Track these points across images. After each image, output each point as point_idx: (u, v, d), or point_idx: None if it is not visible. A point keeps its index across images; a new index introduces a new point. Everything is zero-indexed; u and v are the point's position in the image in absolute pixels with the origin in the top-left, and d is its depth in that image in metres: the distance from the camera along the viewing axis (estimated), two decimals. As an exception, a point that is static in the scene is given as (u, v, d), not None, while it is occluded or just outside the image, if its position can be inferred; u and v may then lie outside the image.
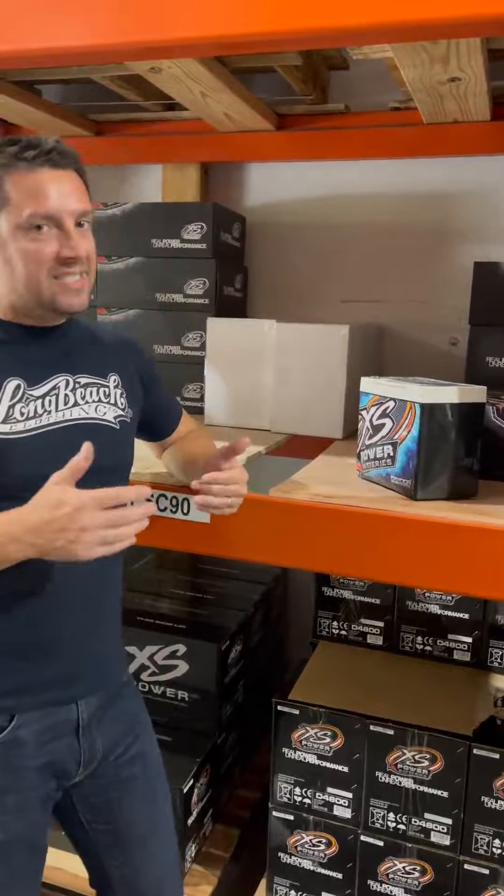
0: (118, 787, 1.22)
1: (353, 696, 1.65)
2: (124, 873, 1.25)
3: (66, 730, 1.14)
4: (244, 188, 2.19)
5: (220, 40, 1.13)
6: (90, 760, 1.18)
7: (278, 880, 1.69)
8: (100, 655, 1.19)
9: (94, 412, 1.14)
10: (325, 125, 1.98)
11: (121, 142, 2.16)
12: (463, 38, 1.28)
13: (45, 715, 1.11)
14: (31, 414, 1.07)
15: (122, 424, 1.18)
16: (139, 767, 1.24)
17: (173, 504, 1.33)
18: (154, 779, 1.28)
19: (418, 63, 1.40)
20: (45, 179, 1.04)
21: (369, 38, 1.22)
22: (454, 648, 1.81)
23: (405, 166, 2.00)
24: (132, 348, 1.29)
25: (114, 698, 1.22)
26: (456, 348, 2.00)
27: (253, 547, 1.32)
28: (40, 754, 1.11)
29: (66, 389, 1.12)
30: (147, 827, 1.25)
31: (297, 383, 1.74)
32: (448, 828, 1.53)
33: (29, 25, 1.20)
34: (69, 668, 1.14)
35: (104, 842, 1.24)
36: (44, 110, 1.97)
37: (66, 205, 1.05)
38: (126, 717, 1.24)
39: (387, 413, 1.31)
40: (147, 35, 1.14)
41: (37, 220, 1.03)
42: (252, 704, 2.08)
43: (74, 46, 1.20)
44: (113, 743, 1.21)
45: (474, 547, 1.16)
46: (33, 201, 1.03)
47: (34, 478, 1.01)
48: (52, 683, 1.12)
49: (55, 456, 1.04)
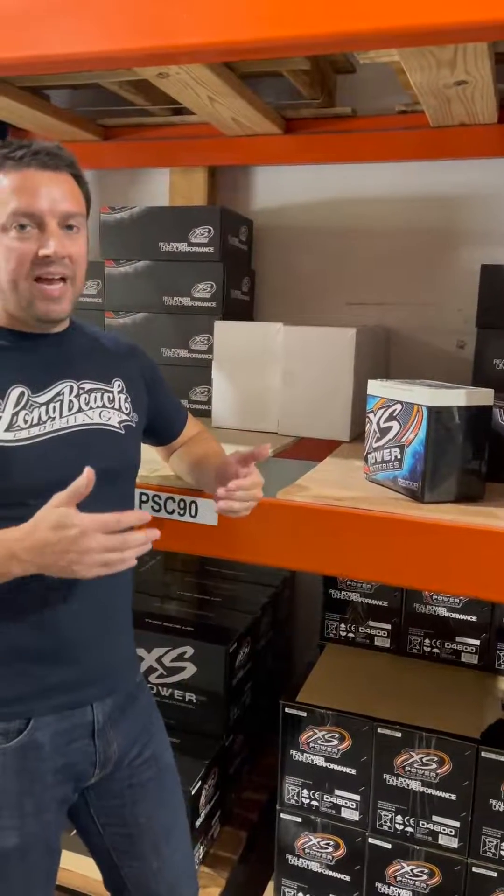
0: (133, 790, 1.23)
1: (360, 698, 1.66)
2: (139, 875, 1.25)
3: (81, 732, 1.14)
4: (251, 192, 2.20)
5: (227, 46, 1.14)
6: (106, 762, 1.19)
7: (286, 882, 1.70)
8: (113, 659, 1.20)
9: (98, 417, 1.14)
10: (332, 129, 1.99)
11: (128, 146, 2.17)
12: (470, 43, 1.28)
13: (60, 718, 1.12)
14: (35, 421, 1.07)
15: (128, 429, 1.18)
16: (153, 770, 1.25)
17: (181, 507, 1.34)
18: (168, 781, 1.28)
19: (425, 67, 1.41)
20: (31, 179, 1.04)
21: (376, 43, 1.23)
22: (462, 651, 1.81)
23: (412, 169, 2.01)
24: (136, 353, 1.29)
25: (128, 700, 1.22)
26: (463, 351, 2.00)
27: (261, 549, 1.32)
28: (57, 756, 1.12)
29: (70, 395, 1.12)
30: (161, 829, 1.26)
31: (305, 386, 1.74)
32: (456, 830, 1.53)
33: (38, 32, 1.22)
34: (84, 671, 1.14)
35: (119, 844, 1.24)
36: (52, 115, 1.98)
37: (50, 205, 1.04)
38: (140, 718, 1.25)
39: (394, 416, 1.31)
40: (155, 41, 1.15)
41: (19, 219, 1.03)
42: (260, 707, 2.08)
43: (83, 53, 1.21)
44: (128, 744, 1.21)
45: (482, 549, 1.16)
46: (16, 199, 1.03)
47: (38, 485, 1.03)
48: (68, 687, 1.12)
49: (59, 462, 1.06)
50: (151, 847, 1.25)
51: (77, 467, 1.05)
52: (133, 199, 2.28)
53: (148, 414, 1.28)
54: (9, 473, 1.04)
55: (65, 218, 1.06)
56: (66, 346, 1.16)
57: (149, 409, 1.28)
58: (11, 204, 1.03)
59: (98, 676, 1.16)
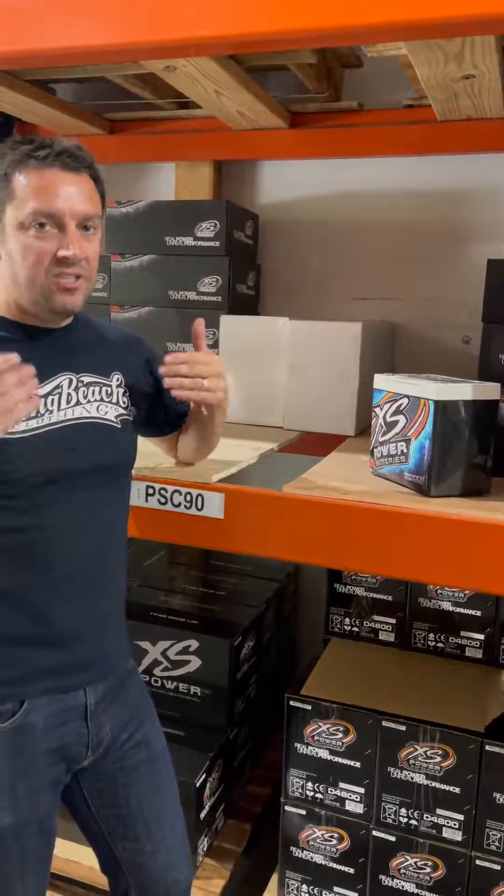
0: (124, 772, 1.25)
1: (365, 692, 1.66)
2: (133, 858, 1.28)
3: (74, 715, 1.17)
4: (257, 186, 2.20)
5: (235, 39, 1.14)
6: (98, 745, 1.21)
7: (290, 874, 1.70)
8: (106, 644, 1.22)
9: (95, 411, 1.16)
10: (339, 123, 1.98)
11: (134, 140, 2.17)
12: (478, 36, 1.28)
13: (53, 700, 1.14)
14: (33, 414, 1.08)
15: (124, 423, 1.21)
16: (144, 754, 1.27)
17: (187, 500, 1.34)
18: (159, 765, 1.30)
19: (433, 60, 1.40)
20: (52, 179, 1.06)
21: (384, 36, 1.22)
22: (466, 645, 1.81)
23: (418, 163, 2.00)
24: (139, 346, 1.31)
25: (119, 686, 1.25)
26: (468, 346, 2.00)
27: (266, 543, 1.33)
28: (50, 738, 1.14)
29: (68, 388, 1.14)
30: (154, 812, 1.28)
31: (310, 380, 1.74)
32: (460, 823, 1.53)
33: (45, 25, 1.22)
34: (76, 657, 1.16)
35: (112, 827, 1.27)
36: (58, 109, 1.98)
37: (70, 206, 1.06)
38: (131, 704, 1.27)
39: (400, 410, 1.32)
40: (162, 34, 1.16)
41: (39, 218, 1.05)
42: (264, 700, 2.09)
43: (90, 46, 1.21)
44: (119, 728, 1.24)
45: (488, 543, 1.16)
46: (37, 199, 1.05)
47: (33, 477, 1.06)
48: (60, 671, 1.15)
49: (55, 455, 1.09)
50: (144, 829, 1.27)
51: (72, 460, 1.10)
52: (139, 194, 2.28)
53: (149, 406, 1.29)
54: (6, 465, 1.05)
55: (83, 219, 1.09)
56: (69, 340, 1.18)
57: (151, 400, 1.29)
58: (32, 203, 1.05)
59: (90, 662, 1.19)
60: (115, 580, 1.24)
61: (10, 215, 1.07)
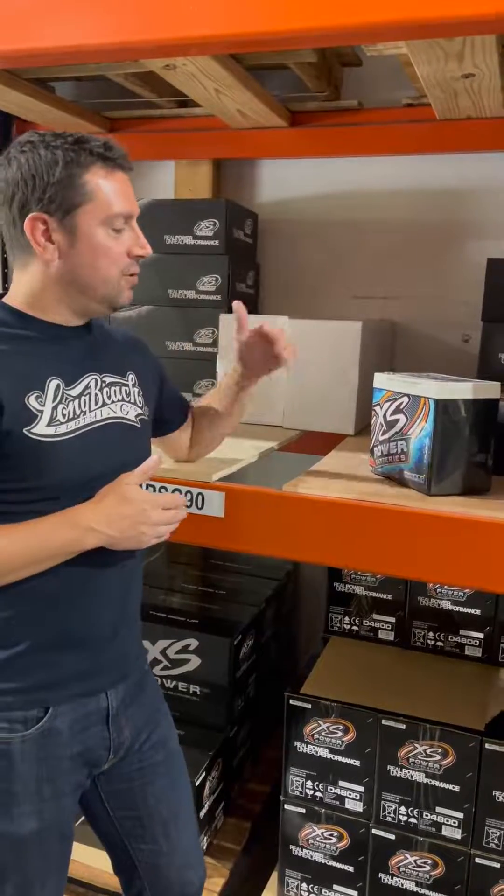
0: (142, 773, 1.25)
1: (364, 690, 1.66)
2: (149, 860, 1.28)
3: (97, 719, 1.17)
4: (256, 185, 2.20)
5: (235, 38, 1.14)
6: (119, 747, 1.21)
7: (290, 873, 1.71)
8: (126, 649, 1.22)
9: (119, 411, 1.16)
10: (338, 122, 1.98)
11: (134, 138, 2.17)
12: (478, 36, 1.28)
13: (77, 705, 1.15)
14: (71, 415, 1.08)
15: (142, 423, 1.21)
16: (162, 754, 1.28)
17: (188, 499, 1.34)
18: (175, 765, 1.31)
19: (433, 59, 1.40)
20: (123, 180, 1.09)
21: (385, 35, 1.22)
22: (466, 644, 1.81)
23: (418, 163, 2.00)
24: (142, 347, 1.32)
25: (137, 688, 1.25)
26: (468, 345, 2.00)
27: (266, 542, 1.33)
28: (74, 743, 1.14)
29: (95, 389, 1.14)
30: (170, 812, 1.29)
31: (310, 379, 1.74)
32: (459, 822, 1.54)
33: (45, 24, 1.22)
34: (100, 661, 1.17)
35: (129, 828, 1.27)
36: (58, 107, 1.98)
37: (133, 207, 1.11)
38: (148, 705, 1.27)
39: (400, 409, 1.32)
40: (163, 33, 1.15)
41: (119, 221, 1.08)
42: (264, 699, 2.09)
43: (90, 44, 1.21)
44: (138, 730, 1.24)
45: (487, 542, 1.16)
46: (118, 202, 1.07)
47: (75, 478, 1.08)
48: (84, 676, 1.15)
49: (92, 456, 1.10)
50: (161, 829, 1.27)
51: (107, 460, 1.11)
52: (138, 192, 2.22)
53: (155, 406, 1.29)
54: (52, 469, 1.06)
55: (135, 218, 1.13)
56: (89, 339, 1.17)
57: (156, 401, 1.29)
58: (116, 206, 1.07)
59: (113, 665, 1.19)
60: (138, 579, 1.26)
61: (85, 217, 1.06)
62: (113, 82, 1.96)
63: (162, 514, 1.08)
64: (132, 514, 1.06)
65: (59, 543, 1.05)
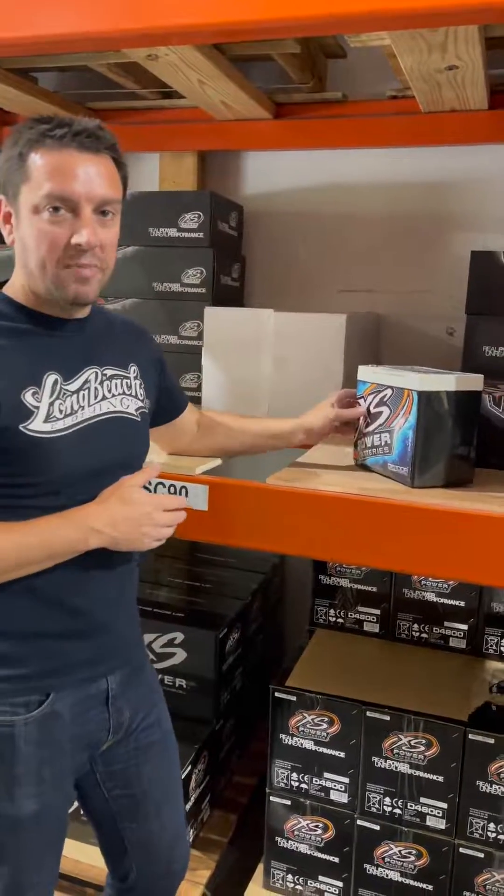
0: (138, 752, 1.27)
1: (349, 682, 1.67)
2: (140, 837, 1.30)
3: (96, 701, 1.19)
4: (241, 177, 2.19)
5: (217, 27, 1.13)
6: (118, 728, 1.23)
7: (275, 864, 1.71)
8: (125, 636, 1.24)
9: (119, 405, 1.15)
10: (323, 114, 1.98)
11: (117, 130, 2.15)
12: (461, 26, 1.28)
13: (78, 690, 1.16)
14: (69, 411, 1.07)
15: (143, 416, 1.20)
16: (157, 734, 1.29)
17: (172, 492, 1.34)
18: (169, 745, 1.33)
19: (416, 51, 1.40)
20: (68, 160, 1.00)
21: (368, 24, 1.22)
22: (450, 636, 1.82)
23: (403, 155, 2.00)
24: (145, 336, 1.30)
25: (136, 670, 1.27)
26: (453, 338, 2.00)
27: (250, 535, 1.33)
28: (75, 726, 1.16)
29: (95, 382, 1.12)
30: (163, 791, 1.30)
31: (295, 372, 1.74)
32: (443, 812, 1.55)
33: (26, 12, 1.20)
34: (102, 648, 1.18)
35: (123, 807, 1.28)
36: (41, 98, 1.96)
37: (87, 189, 1.01)
38: (145, 686, 1.29)
39: (384, 401, 1.32)
40: (144, 22, 1.14)
41: (53, 202, 1.00)
42: (250, 691, 2.09)
43: (71, 33, 1.20)
44: (135, 710, 1.25)
45: (471, 534, 1.17)
46: (52, 181, 0.99)
47: (74, 474, 1.07)
48: (86, 663, 1.16)
49: (91, 451, 1.09)
50: (155, 807, 1.29)
51: (106, 455, 1.11)
52: None
53: (156, 398, 1.29)
54: (49, 465, 1.05)
55: (101, 204, 1.04)
56: (90, 331, 1.15)
57: (158, 392, 1.29)
58: (46, 186, 0.99)
59: (114, 652, 1.21)
60: (132, 573, 1.26)
61: (24, 198, 1.02)
62: (96, 73, 1.94)
63: (164, 516, 1.10)
64: (135, 516, 1.07)
65: (62, 543, 1.05)
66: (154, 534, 1.10)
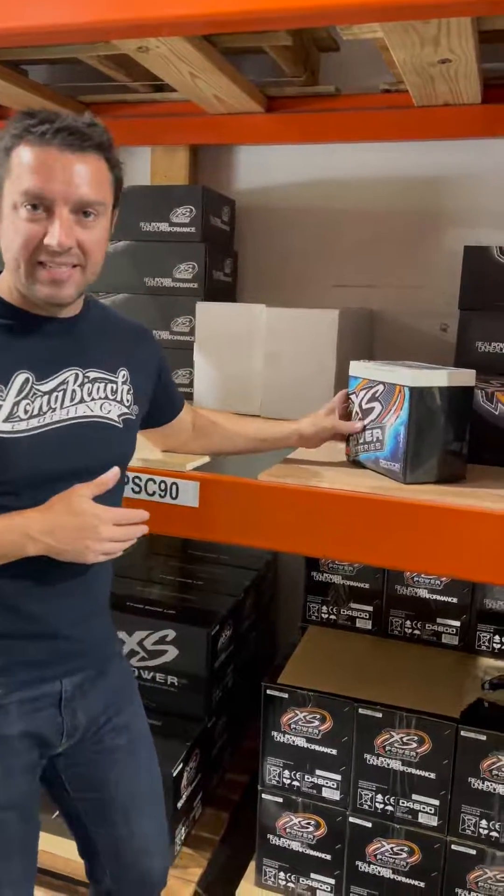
0: (102, 756, 1.24)
1: (341, 679, 1.66)
2: (109, 843, 1.27)
3: (48, 702, 1.16)
4: (233, 171, 2.17)
5: (208, 18, 1.12)
6: (73, 731, 1.20)
7: (268, 862, 1.71)
8: (86, 637, 1.20)
9: (98, 410, 1.12)
10: (316, 107, 1.96)
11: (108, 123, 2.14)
12: (454, 17, 1.26)
13: (28, 689, 1.13)
14: (35, 412, 1.05)
15: (126, 423, 1.16)
16: (123, 738, 1.26)
17: (162, 489, 1.33)
18: (139, 751, 1.29)
19: (409, 44, 1.39)
20: (48, 158, 0.97)
21: (360, 16, 1.20)
22: (442, 632, 1.82)
23: (396, 149, 1.99)
24: (145, 339, 1.27)
25: (98, 674, 1.23)
26: (446, 333, 2.00)
27: (242, 531, 1.32)
28: (22, 722, 1.13)
29: (73, 384, 1.09)
30: (130, 797, 1.27)
31: (287, 368, 1.73)
32: (435, 809, 1.54)
33: (14, 2, 1.19)
34: (59, 650, 1.15)
35: (89, 810, 1.26)
36: (31, 91, 1.94)
37: (64, 189, 0.98)
38: (110, 690, 1.25)
39: (376, 397, 1.31)
40: (135, 12, 1.13)
41: (30, 199, 0.98)
42: (242, 689, 2.09)
43: (61, 24, 1.19)
44: (95, 715, 1.22)
45: (463, 530, 1.16)
46: (30, 178, 0.97)
47: (34, 475, 1.05)
48: (37, 664, 1.14)
49: (54, 454, 1.06)
50: (122, 813, 1.26)
51: (72, 460, 1.08)
52: None
53: (151, 400, 1.26)
54: (5, 465, 1.03)
55: (79, 204, 1.00)
56: (78, 332, 1.12)
57: (153, 395, 1.26)
58: (24, 182, 0.97)
59: (70, 656, 1.18)
60: (103, 575, 1.23)
61: (6, 193, 1.00)
62: (87, 66, 1.92)
63: (112, 531, 1.03)
64: (78, 527, 1.02)
65: (2, 545, 1.02)
66: (97, 547, 1.03)
